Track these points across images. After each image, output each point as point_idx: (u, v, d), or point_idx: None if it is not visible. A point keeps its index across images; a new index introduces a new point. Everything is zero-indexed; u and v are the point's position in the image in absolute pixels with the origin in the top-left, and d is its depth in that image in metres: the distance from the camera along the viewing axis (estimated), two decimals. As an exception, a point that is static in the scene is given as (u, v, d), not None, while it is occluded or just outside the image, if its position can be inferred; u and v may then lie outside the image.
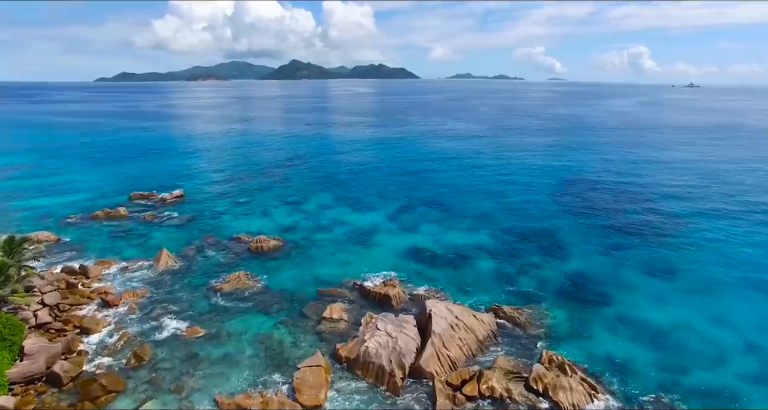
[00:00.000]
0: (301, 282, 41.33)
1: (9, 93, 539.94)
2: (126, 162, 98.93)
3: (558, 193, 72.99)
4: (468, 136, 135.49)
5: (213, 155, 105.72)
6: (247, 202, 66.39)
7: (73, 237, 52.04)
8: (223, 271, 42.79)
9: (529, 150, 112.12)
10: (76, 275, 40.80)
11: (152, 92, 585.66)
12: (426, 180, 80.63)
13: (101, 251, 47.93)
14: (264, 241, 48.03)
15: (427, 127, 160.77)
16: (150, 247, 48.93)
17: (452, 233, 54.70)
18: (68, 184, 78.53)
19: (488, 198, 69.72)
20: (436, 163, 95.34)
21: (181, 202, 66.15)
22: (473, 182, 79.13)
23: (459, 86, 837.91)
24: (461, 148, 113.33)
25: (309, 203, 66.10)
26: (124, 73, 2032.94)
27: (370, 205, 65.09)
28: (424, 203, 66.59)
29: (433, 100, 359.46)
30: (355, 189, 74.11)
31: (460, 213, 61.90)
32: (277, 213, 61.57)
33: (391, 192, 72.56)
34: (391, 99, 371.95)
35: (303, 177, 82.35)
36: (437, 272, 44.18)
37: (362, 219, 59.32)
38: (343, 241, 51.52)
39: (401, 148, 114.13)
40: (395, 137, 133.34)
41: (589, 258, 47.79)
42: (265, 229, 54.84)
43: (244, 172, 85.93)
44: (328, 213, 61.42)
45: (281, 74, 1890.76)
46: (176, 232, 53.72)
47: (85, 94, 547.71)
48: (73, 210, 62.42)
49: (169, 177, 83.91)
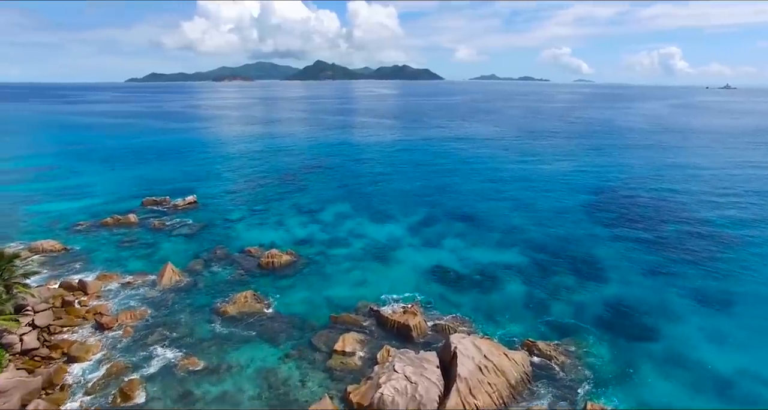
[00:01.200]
0: (313, 305, 37.80)
1: (47, 94, 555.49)
2: (144, 164, 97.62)
3: (591, 204, 67.86)
4: (494, 141, 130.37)
5: (231, 158, 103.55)
6: (261, 210, 63.39)
7: (80, 246, 49.80)
8: (229, 290, 39.60)
9: (559, 156, 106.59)
10: (74, 291, 38.22)
11: (179, 92, 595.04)
12: (450, 188, 76.41)
13: (106, 263, 45.40)
14: (275, 256, 44.73)
15: (451, 130, 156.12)
16: (156, 260, 46.23)
17: (478, 249, 50.46)
18: (85, 187, 77.18)
19: (516, 209, 65.09)
20: (461, 169, 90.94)
21: (193, 208, 63.61)
22: (500, 191, 74.50)
23: (483, 88, 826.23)
24: (487, 154, 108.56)
25: (326, 212, 62.69)
26: (154, 74, 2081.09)
27: (391, 216, 61.29)
28: (447, 214, 62.46)
29: (458, 102, 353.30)
30: (376, 197, 70.43)
31: (487, 226, 57.56)
32: (292, 223, 58.32)
33: (413, 201, 68.62)
34: (415, 100, 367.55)
35: (321, 183, 79.11)
36: (462, 296, 40.10)
37: (382, 231, 55.57)
38: (360, 257, 47.85)
39: (425, 152, 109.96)
40: (418, 141, 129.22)
41: (630, 282, 42.97)
42: (279, 241, 51.61)
43: (261, 177, 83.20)
44: (346, 224, 57.87)
45: (306, 75, 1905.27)
46: (185, 243, 50.95)
47: (116, 94, 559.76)
48: (84, 216, 60.54)
49: (185, 180, 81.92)
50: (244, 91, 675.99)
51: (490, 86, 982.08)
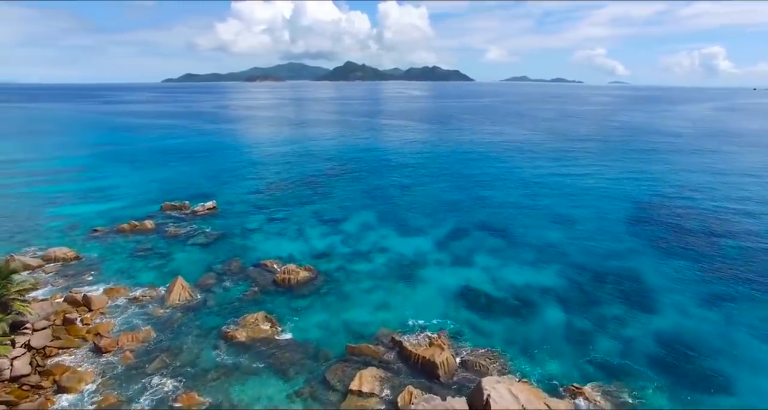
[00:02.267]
0: (329, 330, 34.37)
1: (87, 94, 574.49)
2: (169, 166, 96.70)
3: (636, 218, 62.34)
4: (527, 145, 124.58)
5: (255, 161, 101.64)
6: (282, 218, 60.52)
7: (94, 255, 47.93)
8: (241, 310, 36.62)
9: (597, 162, 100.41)
10: (79, 306, 35.90)
11: (211, 93, 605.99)
12: (481, 197, 71.94)
13: (116, 274, 43.20)
14: (292, 272, 41.55)
15: (481, 134, 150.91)
16: (168, 272, 43.77)
17: (512, 269, 46.07)
18: (109, 189, 76.28)
19: (553, 223, 60.17)
20: (493, 176, 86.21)
21: (212, 214, 61.31)
22: (535, 202, 69.53)
23: (515, 90, 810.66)
24: (520, 159, 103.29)
25: (349, 222, 59.33)
26: (189, 74, 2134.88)
27: (418, 228, 57.42)
28: (479, 227, 58.16)
29: (489, 104, 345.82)
30: (402, 206, 66.68)
31: (521, 242, 53.01)
32: (313, 233, 55.17)
33: (442, 210, 64.57)
34: (445, 102, 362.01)
35: (346, 189, 75.87)
36: (495, 324, 35.96)
37: (407, 245, 51.77)
38: (383, 275, 44.20)
39: (454, 157, 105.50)
40: (448, 145, 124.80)
41: (689, 313, 37.91)
42: (297, 254, 48.53)
43: (284, 182, 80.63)
44: (370, 236, 54.32)
45: (336, 75, 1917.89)
46: (199, 253, 48.41)
47: (151, 94, 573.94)
48: (103, 220, 59.08)
49: (207, 183, 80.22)
50: (275, 91, 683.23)
51: (521, 88, 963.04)
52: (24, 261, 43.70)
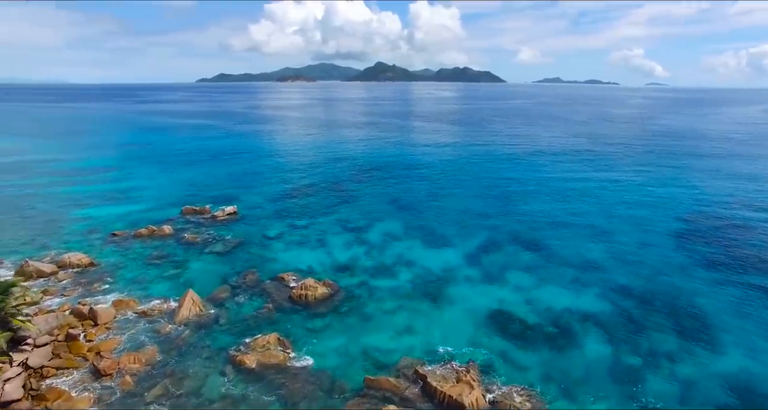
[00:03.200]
0: (347, 357, 31.34)
1: (125, 94, 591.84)
2: (194, 167, 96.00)
3: (686, 233, 57.04)
4: (561, 150, 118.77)
5: (281, 163, 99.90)
6: (304, 225, 57.96)
7: (108, 261, 46.42)
8: (253, 329, 34.03)
9: (639, 170, 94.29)
10: (84, 320, 34.03)
11: (242, 92, 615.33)
12: (514, 206, 67.70)
13: (128, 284, 41.40)
14: (310, 288, 38.74)
15: (514, 137, 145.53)
16: (182, 282, 41.73)
17: (549, 289, 42.08)
18: (133, 190, 75.64)
19: (592, 237, 55.57)
20: (526, 184, 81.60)
21: (233, 220, 59.35)
22: (572, 213, 64.85)
23: (548, 91, 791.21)
24: (555, 165, 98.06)
25: (374, 231, 56.29)
26: (222, 74, 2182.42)
27: (447, 239, 53.87)
28: (511, 239, 54.17)
29: (521, 106, 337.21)
30: (430, 215, 63.19)
31: (558, 259, 48.78)
32: (335, 243, 52.34)
33: (473, 221, 60.76)
34: (476, 104, 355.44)
35: (372, 195, 72.87)
36: (531, 356, 32.19)
37: (435, 258, 48.33)
38: (408, 292, 40.94)
39: (486, 162, 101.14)
40: (479, 149, 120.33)
41: (758, 350, 33.17)
42: (317, 266, 45.80)
43: (308, 186, 78.27)
44: (395, 248, 51.11)
45: (366, 76, 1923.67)
46: (215, 263, 46.24)
47: (184, 94, 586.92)
48: (123, 224, 57.99)
49: (230, 186, 78.76)
50: (305, 91, 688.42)
51: (554, 90, 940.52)
52: (38, 267, 42.53)
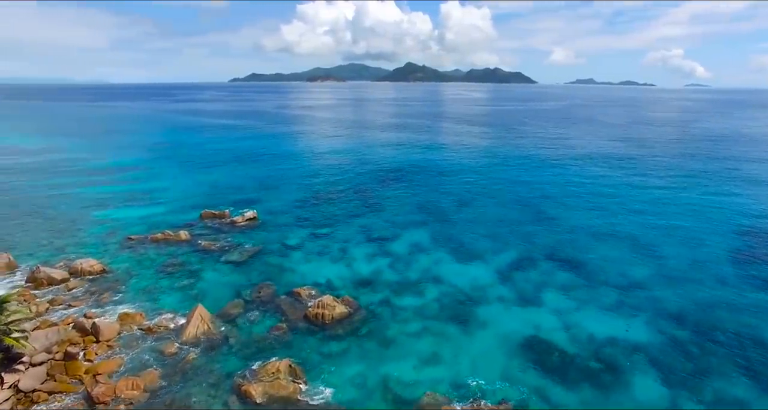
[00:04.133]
0: (364, 390, 28.03)
1: (161, 93, 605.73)
2: (219, 168, 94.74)
3: (743, 251, 51.44)
4: (597, 155, 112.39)
5: (306, 165, 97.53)
6: (325, 234, 54.99)
7: (121, 268, 44.56)
8: (263, 352, 31.12)
9: (681, 176, 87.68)
10: (86, 336, 31.81)
11: (272, 92, 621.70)
12: (548, 216, 63.07)
13: (138, 294, 39.27)
14: (327, 307, 35.60)
15: (548, 141, 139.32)
16: (193, 295, 39.33)
17: (590, 314, 37.77)
18: (155, 191, 74.48)
19: (636, 253, 50.65)
20: (561, 191, 76.56)
21: (252, 226, 56.93)
22: (612, 225, 59.80)
23: (581, 93, 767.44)
24: (590, 171, 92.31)
25: (399, 241, 52.84)
26: (254, 74, 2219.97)
27: (477, 252, 49.95)
28: (547, 255, 49.82)
29: (554, 108, 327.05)
30: (459, 224, 59.32)
31: (599, 279, 44.26)
32: (358, 254, 49.13)
33: (505, 233, 56.59)
34: (507, 105, 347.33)
35: (398, 201, 69.41)
36: (571, 395, 28.18)
37: (464, 274, 44.56)
38: (434, 313, 37.38)
39: (518, 168, 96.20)
40: (509, 153, 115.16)
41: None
42: (337, 280, 42.71)
43: (333, 190, 75.41)
44: (421, 261, 47.55)
45: (396, 76, 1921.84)
46: (230, 273, 43.70)
47: (216, 93, 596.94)
48: (141, 227, 56.42)
49: (253, 189, 76.77)
50: (335, 91, 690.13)
51: (588, 91, 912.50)
52: (49, 274, 40.91)
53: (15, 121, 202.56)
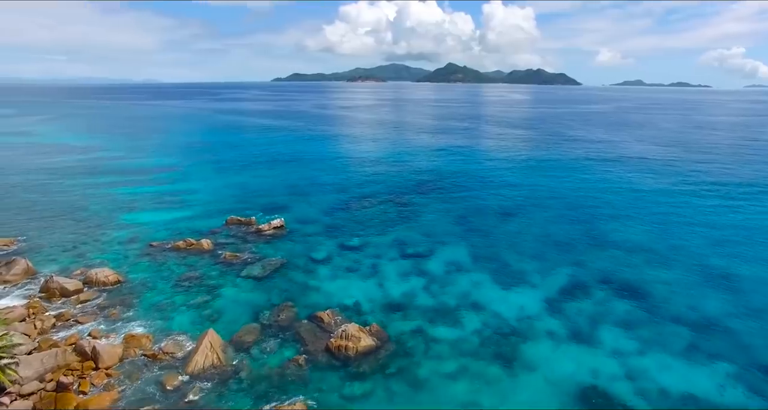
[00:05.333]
0: (391, 450, 23.61)
1: (205, 92, 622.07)
2: (252, 169, 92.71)
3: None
4: (653, 164, 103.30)
5: (341, 169, 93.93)
6: (356, 246, 50.86)
7: (137, 278, 41.93)
8: (275, 391, 27.16)
9: (753, 190, 78.60)
10: (86, 360, 28.79)
11: (312, 92, 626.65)
12: (601, 234, 56.65)
13: (150, 310, 36.28)
14: (352, 338, 31.32)
15: (594, 146, 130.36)
16: (207, 315, 35.95)
17: (657, 358, 31.85)
18: (185, 193, 72.67)
19: (708, 282, 43.83)
20: (614, 204, 69.45)
21: (278, 235, 53.50)
22: (677, 246, 52.80)
23: (629, 95, 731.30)
24: (646, 181, 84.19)
25: (436, 259, 48.07)
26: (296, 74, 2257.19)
27: (523, 275, 44.54)
28: (602, 279, 43.85)
29: (600, 110, 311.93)
30: (502, 240, 53.93)
31: (666, 313, 38.03)
32: (390, 272, 44.70)
33: (552, 251, 50.84)
34: (550, 108, 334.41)
35: (436, 212, 64.55)
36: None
37: (508, 301, 39.39)
38: (474, 349, 32.47)
39: (565, 176, 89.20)
40: (557, 160, 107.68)
41: None
42: (365, 303, 38.43)
43: (366, 197, 71.30)
44: (460, 283, 42.64)
45: (436, 77, 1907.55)
46: (249, 290, 40.17)
47: (259, 92, 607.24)
48: (165, 233, 54.13)
49: (283, 193, 73.81)
50: (375, 92, 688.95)
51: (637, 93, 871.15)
52: (61, 285, 38.57)
53: (73, 119, 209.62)
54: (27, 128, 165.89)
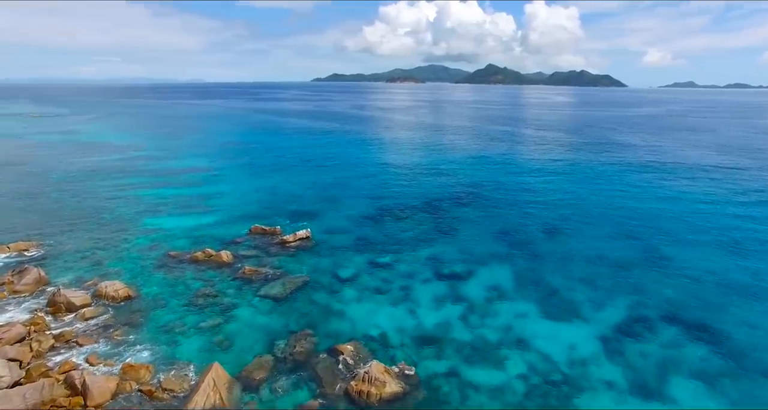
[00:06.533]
0: None
1: (246, 92, 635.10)
2: (282, 172, 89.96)
3: None
4: (717, 173, 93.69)
5: (374, 174, 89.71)
6: (387, 263, 46.37)
7: (149, 293, 39.01)
8: (284, 448, 23.10)
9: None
10: (75, 395, 25.57)
11: (351, 92, 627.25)
12: (664, 258, 49.76)
13: (156, 333, 33.01)
14: (376, 382, 26.84)
15: (647, 154, 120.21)
16: (217, 341, 32.30)
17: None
18: (212, 197, 70.35)
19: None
20: (677, 221, 61.96)
21: (303, 247, 49.74)
22: (756, 273, 45.59)
23: (680, 97, 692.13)
24: (712, 195, 75.61)
25: (475, 282, 43.01)
26: (335, 74, 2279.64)
27: (573, 305, 38.91)
28: (668, 315, 37.55)
29: (650, 114, 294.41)
30: (548, 261, 48.19)
31: (752, 361, 31.64)
32: (423, 296, 39.95)
33: (607, 276, 44.72)
34: (595, 111, 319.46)
35: (475, 224, 59.32)
36: None
37: (558, 338, 33.94)
38: (518, 400, 27.33)
39: (615, 186, 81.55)
40: (607, 168, 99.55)
41: None
42: (393, 334, 33.85)
43: (400, 206, 66.76)
44: (502, 313, 37.44)
45: (476, 78, 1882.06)
46: (266, 314, 36.33)
47: (298, 92, 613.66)
48: (185, 241, 51.47)
49: (313, 198, 70.41)
50: (413, 93, 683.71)
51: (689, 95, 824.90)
52: (68, 299, 35.99)
53: (118, 118, 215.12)
54: (75, 127, 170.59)
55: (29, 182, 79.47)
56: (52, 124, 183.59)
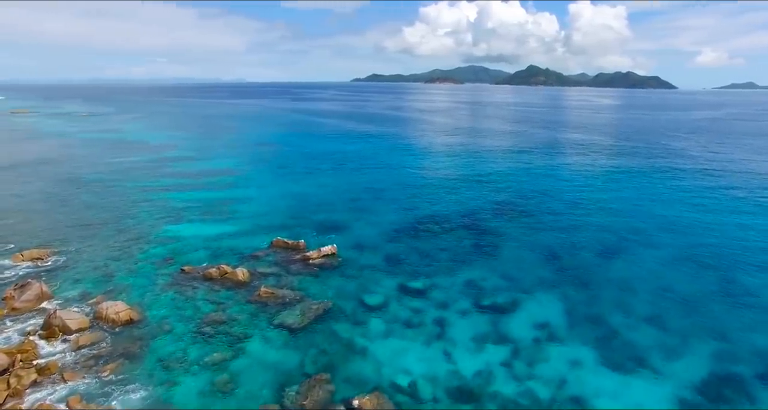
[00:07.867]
0: None
1: (286, 91, 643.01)
2: (312, 176, 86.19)
3: None
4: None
5: (409, 182, 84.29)
6: (420, 289, 41.06)
7: (155, 316, 35.30)
8: None
9: None
10: (47, 455, 21.69)
11: (389, 93, 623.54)
12: (749, 293, 42.03)
13: (154, 369, 29.00)
14: (399, 458, 21.69)
15: (709, 164, 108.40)
16: (220, 384, 27.87)
17: None
18: (236, 203, 67.00)
19: None
20: (758, 247, 53.85)
21: (328, 265, 45.11)
22: None
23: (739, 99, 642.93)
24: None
25: (520, 317, 37.06)
26: (375, 75, 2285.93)
27: (639, 352, 32.36)
28: (762, 371, 30.74)
29: (707, 117, 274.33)
30: (606, 291, 41.61)
31: None
32: (460, 334, 34.32)
33: (679, 314, 37.83)
34: (643, 115, 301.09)
35: (520, 244, 53.00)
36: None
37: (625, 400, 27.66)
38: None
39: (677, 201, 72.65)
40: (663, 179, 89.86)
41: None
42: (424, 384, 28.44)
43: (436, 219, 61.27)
44: (553, 361, 31.43)
45: (516, 79, 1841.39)
46: (280, 348, 31.72)
47: (337, 92, 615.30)
48: (202, 253, 48.03)
49: (342, 207, 66.05)
50: (452, 94, 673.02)
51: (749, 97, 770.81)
52: (64, 321, 32.66)
53: (159, 117, 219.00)
54: (117, 126, 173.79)
55: (61, 183, 78.74)
56: (96, 122, 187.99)
